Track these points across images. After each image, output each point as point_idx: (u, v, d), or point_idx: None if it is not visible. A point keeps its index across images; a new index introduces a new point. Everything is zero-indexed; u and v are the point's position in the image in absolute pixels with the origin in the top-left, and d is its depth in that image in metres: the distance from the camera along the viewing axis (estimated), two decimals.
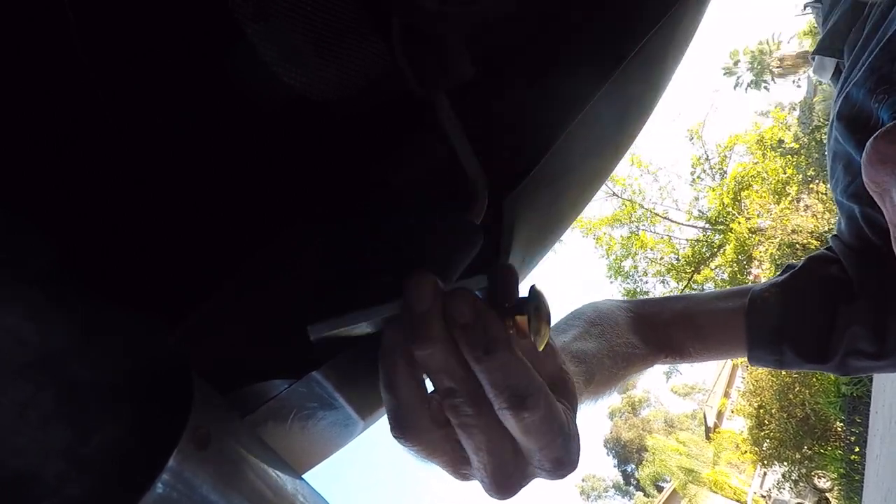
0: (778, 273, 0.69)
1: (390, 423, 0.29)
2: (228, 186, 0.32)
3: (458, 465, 0.30)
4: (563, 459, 0.29)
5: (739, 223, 7.63)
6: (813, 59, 0.91)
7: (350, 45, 0.32)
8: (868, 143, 0.42)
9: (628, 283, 9.25)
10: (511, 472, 0.30)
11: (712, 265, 8.59)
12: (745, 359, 0.64)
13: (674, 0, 0.53)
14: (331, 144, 0.36)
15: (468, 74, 0.37)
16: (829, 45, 0.87)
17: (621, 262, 9.18)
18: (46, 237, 0.21)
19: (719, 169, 8.63)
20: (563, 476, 0.30)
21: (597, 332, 0.53)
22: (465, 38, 0.37)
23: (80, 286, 0.20)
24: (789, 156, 7.48)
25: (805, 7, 1.13)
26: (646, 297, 9.41)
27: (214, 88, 0.29)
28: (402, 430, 0.28)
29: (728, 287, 8.34)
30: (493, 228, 0.40)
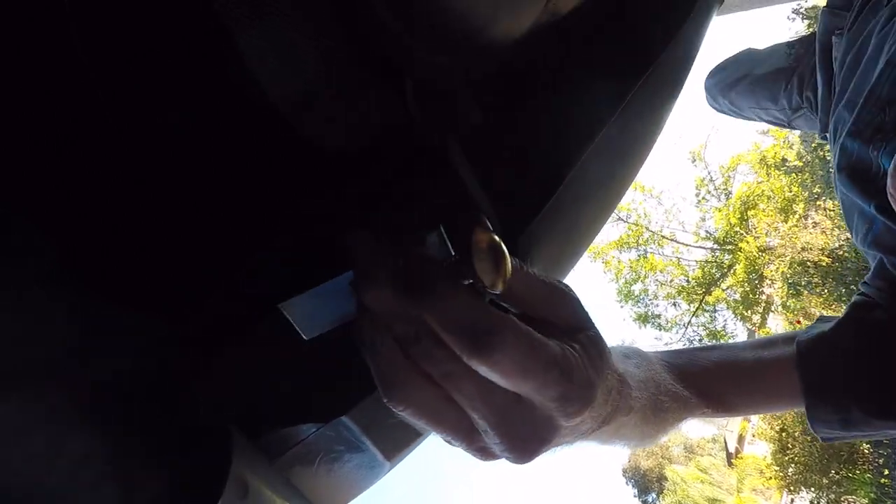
0: (816, 321, 0.65)
1: (380, 390, 0.27)
2: (228, 188, 0.32)
3: (470, 436, 0.28)
4: (568, 395, 0.26)
5: (748, 242, 7.59)
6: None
7: (363, 98, 0.34)
8: (890, 171, 0.43)
9: (639, 306, 9.16)
10: (520, 426, 0.27)
11: (723, 286, 8.51)
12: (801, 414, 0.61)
13: (672, 34, 0.55)
14: (330, 177, 0.37)
15: (477, 120, 0.39)
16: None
17: (631, 285, 9.11)
18: (46, 237, 0.21)
19: (724, 189, 8.65)
20: (578, 414, 0.27)
21: (635, 361, 0.47)
22: (473, 85, 0.39)
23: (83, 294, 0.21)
24: (794, 174, 7.48)
25: (790, 52, 1.19)
26: (657, 320, 9.25)
27: (216, 90, 0.30)
28: (389, 389, 0.26)
29: (742, 304, 8.15)
30: None
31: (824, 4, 0.85)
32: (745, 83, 1.31)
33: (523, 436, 0.27)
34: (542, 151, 0.45)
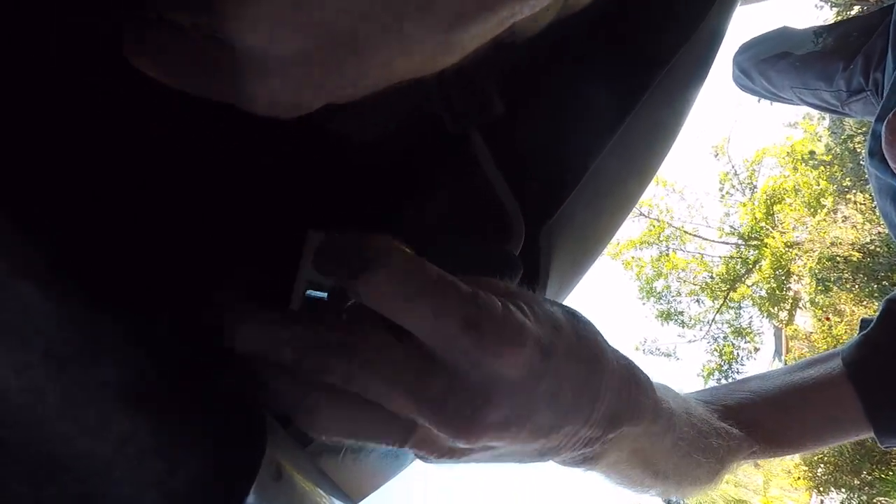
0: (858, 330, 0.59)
1: (300, 426, 0.24)
2: (242, 199, 0.33)
3: (406, 431, 0.25)
4: (475, 319, 0.22)
5: (774, 238, 7.42)
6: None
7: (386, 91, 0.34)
8: (883, 127, 0.41)
9: (661, 303, 9.03)
10: (447, 392, 0.23)
11: (748, 282, 8.34)
12: (870, 439, 0.53)
13: (696, 22, 0.54)
14: (357, 174, 0.38)
15: (499, 111, 0.39)
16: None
17: (652, 282, 8.99)
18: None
19: (749, 184, 8.46)
20: (506, 358, 0.23)
21: (673, 395, 0.41)
22: (495, 76, 0.39)
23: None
24: (822, 167, 7.28)
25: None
26: (680, 317, 9.05)
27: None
28: (307, 423, 0.23)
29: (769, 301, 7.89)
30: (529, 257, 0.41)
31: None
32: (787, 61, 1.22)
33: (455, 405, 0.23)
34: (564, 144, 0.45)
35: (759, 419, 0.49)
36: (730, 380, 8.64)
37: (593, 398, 0.28)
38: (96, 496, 0.15)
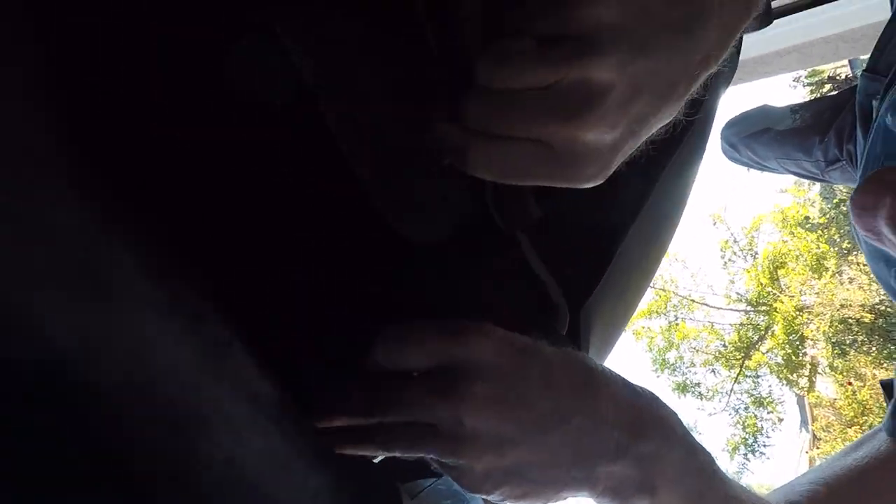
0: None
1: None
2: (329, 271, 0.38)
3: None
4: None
5: (783, 302, 7.40)
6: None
7: (453, 202, 0.42)
8: (849, 202, 0.46)
9: (676, 375, 8.82)
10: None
11: (763, 349, 8.20)
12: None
13: (697, 106, 0.64)
14: (417, 270, 0.44)
15: (537, 214, 0.46)
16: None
17: (664, 353, 8.85)
18: None
19: (749, 250, 8.58)
20: (478, 344, 0.30)
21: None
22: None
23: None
24: (820, 230, 7.43)
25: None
26: (697, 388, 8.68)
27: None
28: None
29: (786, 367, 7.50)
30: (572, 335, 0.47)
31: (863, 69, 0.88)
32: (769, 135, 1.33)
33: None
34: (593, 233, 0.52)
35: None
36: (756, 454, 8.17)
37: (594, 394, 0.32)
38: None
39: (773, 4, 1.74)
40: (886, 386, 0.63)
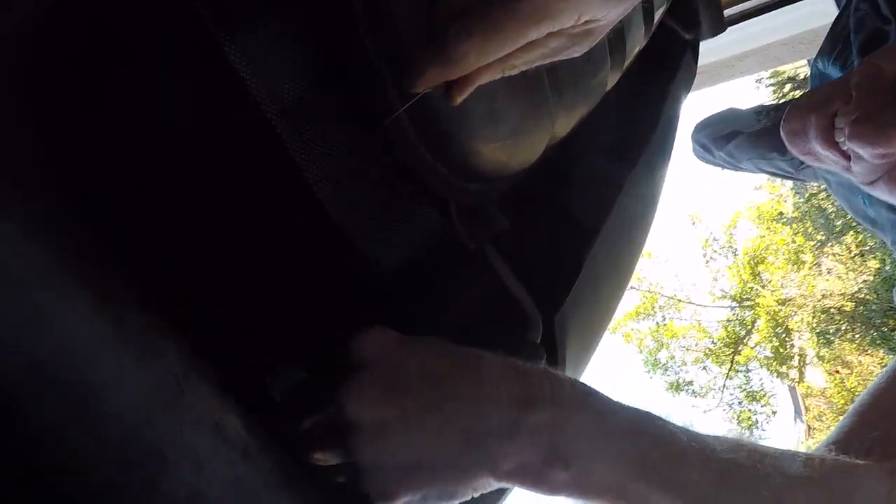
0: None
1: None
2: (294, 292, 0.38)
3: None
4: None
5: (765, 296, 7.52)
6: None
7: (419, 222, 0.42)
8: (781, 131, 0.48)
9: (668, 374, 8.87)
10: None
11: (751, 343, 8.29)
12: None
13: (657, 118, 0.66)
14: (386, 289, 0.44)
15: (505, 225, 0.47)
16: None
17: (655, 354, 8.89)
18: None
19: (729, 247, 8.73)
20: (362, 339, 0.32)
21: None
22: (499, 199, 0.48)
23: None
24: (794, 223, 7.59)
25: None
26: (690, 386, 8.73)
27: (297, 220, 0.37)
28: None
29: (775, 360, 7.59)
30: (547, 343, 0.47)
31: (813, 58, 0.89)
32: (741, 138, 1.37)
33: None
34: (562, 240, 0.53)
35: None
36: None
37: (475, 376, 0.33)
38: None
39: (735, 10, 1.80)
40: None
